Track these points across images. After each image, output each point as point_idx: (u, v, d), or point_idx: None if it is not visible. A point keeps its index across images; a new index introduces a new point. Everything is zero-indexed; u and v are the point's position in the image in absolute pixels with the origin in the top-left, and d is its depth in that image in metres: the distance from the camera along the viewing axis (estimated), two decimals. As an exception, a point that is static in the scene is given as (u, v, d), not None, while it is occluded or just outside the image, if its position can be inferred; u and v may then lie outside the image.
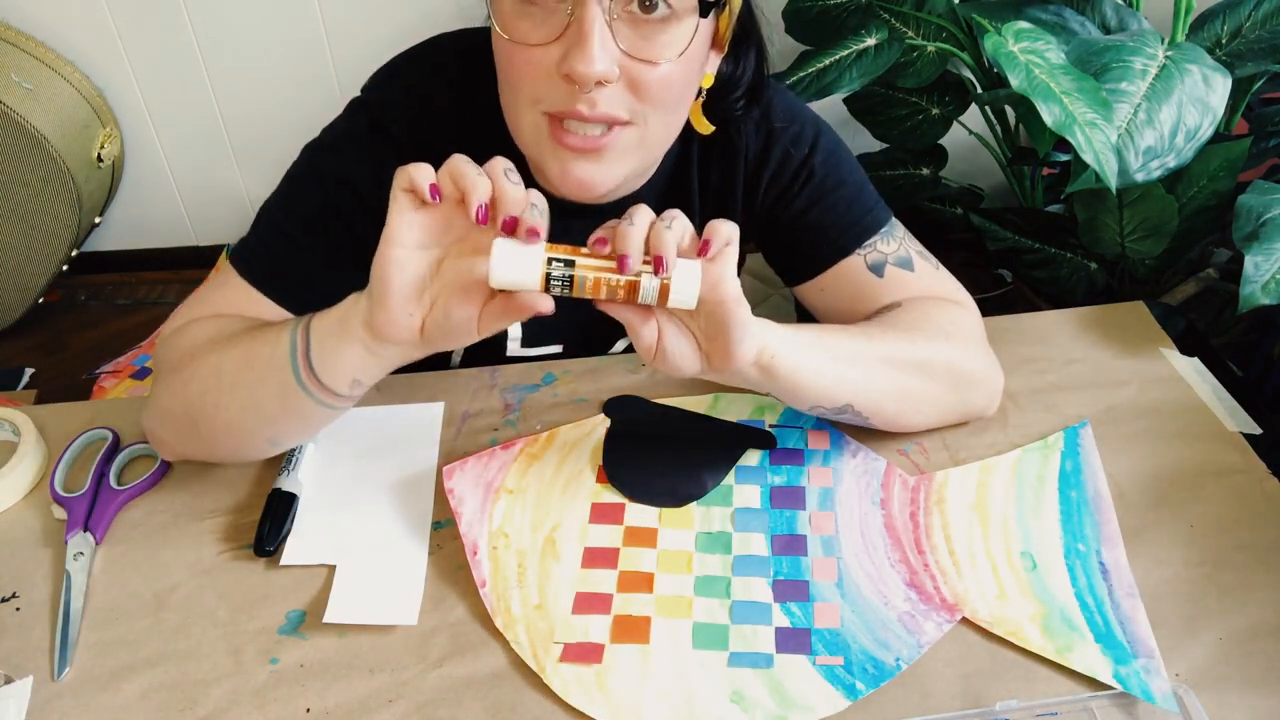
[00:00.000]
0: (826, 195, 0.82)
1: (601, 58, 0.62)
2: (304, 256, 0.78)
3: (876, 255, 0.81)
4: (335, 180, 0.77)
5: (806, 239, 0.83)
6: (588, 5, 0.62)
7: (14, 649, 0.68)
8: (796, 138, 0.82)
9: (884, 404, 0.74)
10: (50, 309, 2.05)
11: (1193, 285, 1.38)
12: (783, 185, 0.83)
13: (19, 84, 1.75)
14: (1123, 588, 0.67)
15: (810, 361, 0.69)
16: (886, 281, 0.81)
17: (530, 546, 0.72)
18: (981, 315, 0.86)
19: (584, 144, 0.67)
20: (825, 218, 0.82)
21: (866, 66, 1.42)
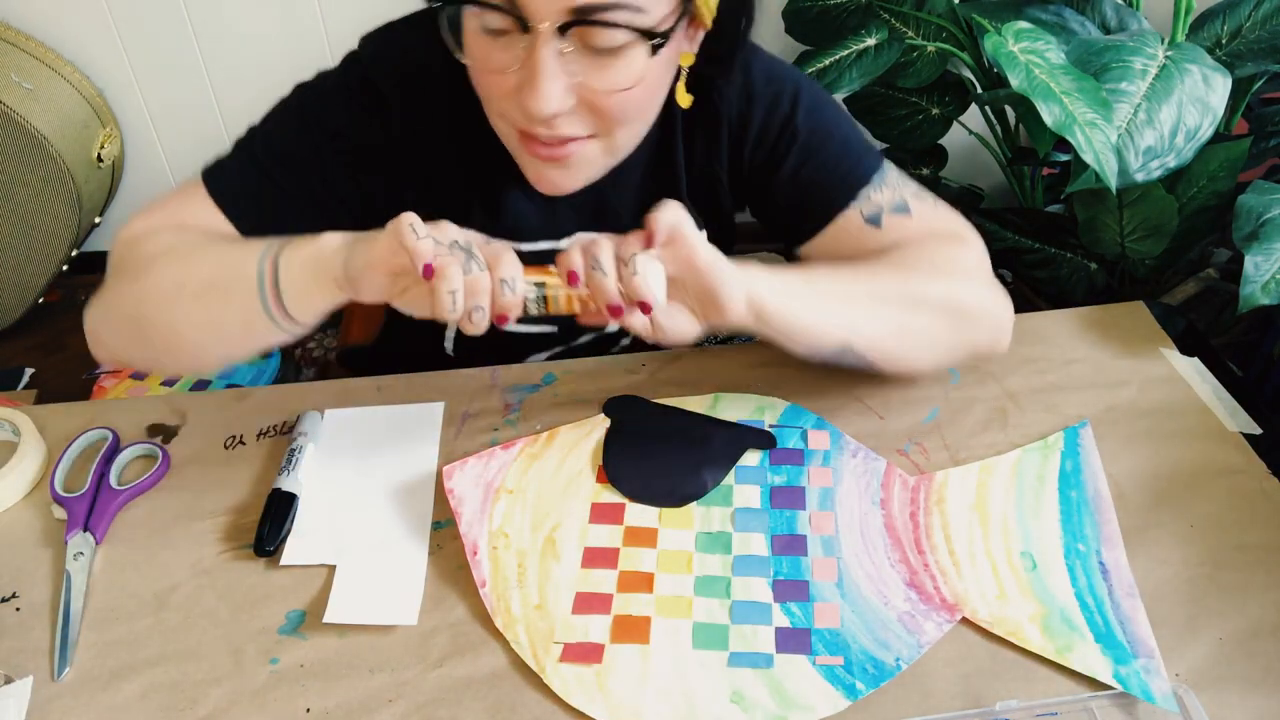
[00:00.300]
0: (814, 153, 0.81)
1: (551, 98, 0.64)
2: (273, 190, 0.79)
3: (872, 206, 0.80)
4: (318, 126, 0.78)
5: (800, 199, 0.82)
6: (538, 45, 0.63)
7: (14, 649, 0.68)
8: (776, 98, 0.81)
9: (882, 342, 0.74)
10: (50, 309, 2.05)
11: (1193, 285, 1.38)
12: (768, 148, 0.82)
13: (19, 84, 1.75)
14: (1123, 588, 0.67)
15: (800, 303, 0.69)
16: (885, 231, 0.80)
17: (530, 546, 0.72)
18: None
19: (549, 154, 0.70)
20: (816, 175, 0.81)
21: (867, 66, 1.42)
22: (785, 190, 0.82)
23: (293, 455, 0.78)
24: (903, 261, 0.76)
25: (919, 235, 0.79)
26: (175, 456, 0.81)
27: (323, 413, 0.84)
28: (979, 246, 0.81)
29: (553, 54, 0.63)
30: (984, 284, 0.79)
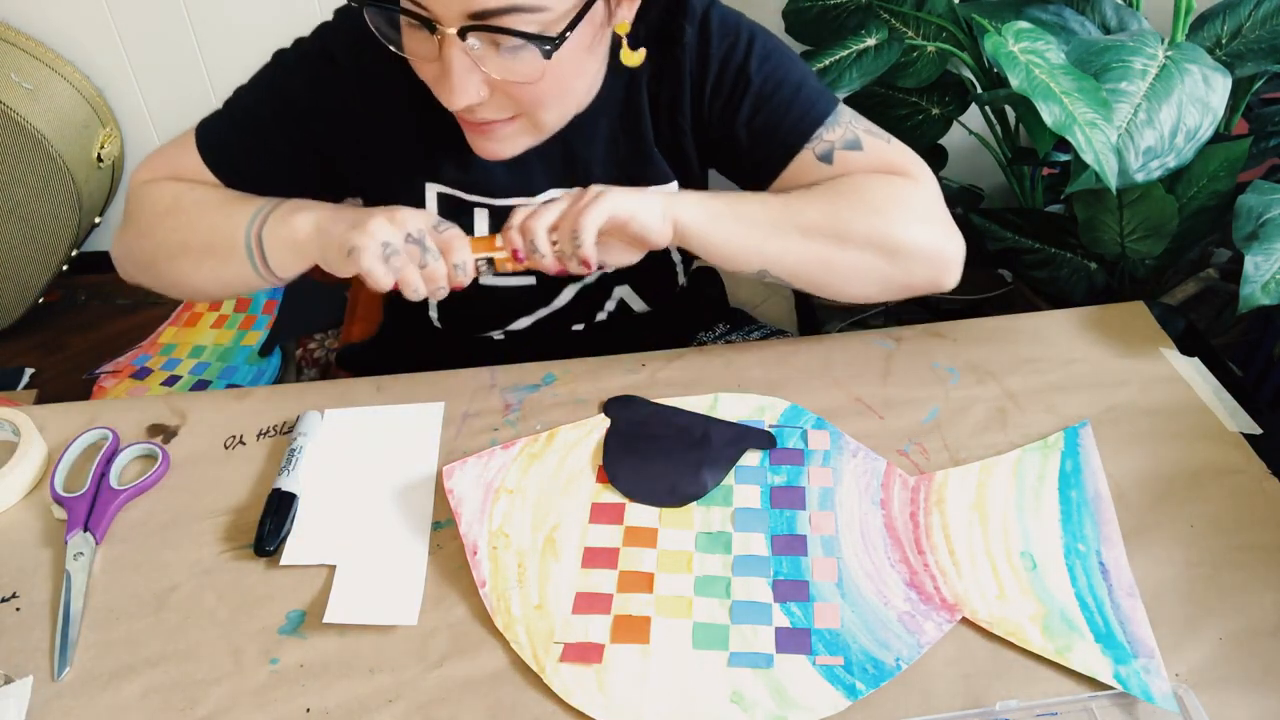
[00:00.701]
0: (767, 100, 0.83)
1: (462, 93, 0.70)
2: (245, 149, 0.85)
3: (824, 145, 0.82)
4: (281, 93, 0.84)
5: (756, 146, 0.84)
6: (447, 46, 0.68)
7: (14, 649, 0.68)
8: (731, 48, 0.83)
9: (804, 271, 0.79)
10: (50, 309, 2.05)
11: (1193, 285, 1.38)
12: (724, 98, 0.84)
13: (19, 84, 1.75)
14: (1123, 588, 0.67)
15: (721, 227, 0.77)
16: (836, 167, 0.82)
17: (530, 546, 0.72)
18: (982, 315, 0.88)
19: (478, 129, 0.76)
20: (770, 120, 0.83)
21: (867, 66, 1.41)
22: (742, 138, 0.84)
23: (293, 455, 0.78)
24: (838, 194, 0.79)
25: (867, 170, 0.81)
26: (175, 456, 0.81)
27: (323, 413, 0.84)
28: (929, 184, 0.82)
29: (460, 52, 0.68)
30: (928, 221, 0.80)
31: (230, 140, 0.86)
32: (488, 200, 0.86)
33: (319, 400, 0.86)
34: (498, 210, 0.86)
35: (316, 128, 0.84)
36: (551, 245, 0.73)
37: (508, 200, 0.86)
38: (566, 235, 0.72)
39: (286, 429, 0.83)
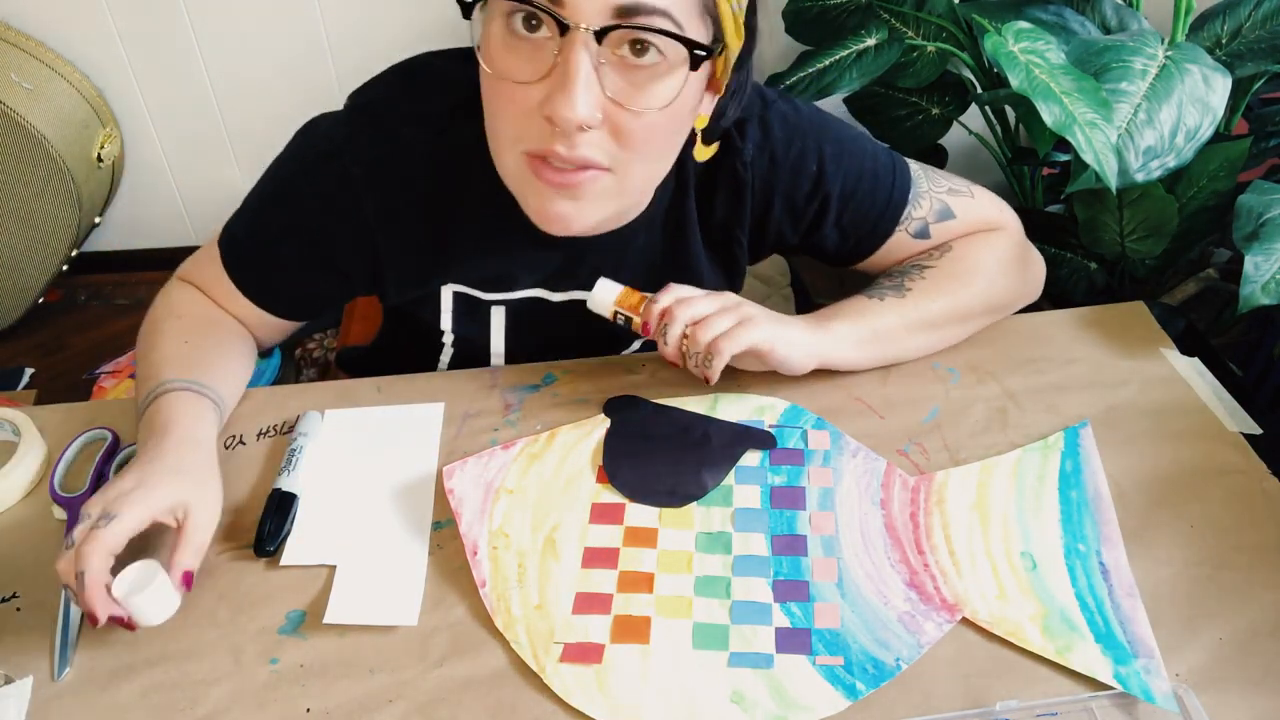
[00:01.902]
0: (849, 199, 0.83)
1: (584, 103, 0.61)
2: (267, 267, 0.83)
3: (916, 224, 0.86)
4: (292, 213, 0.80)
5: (846, 241, 0.87)
6: (575, 47, 0.60)
7: (14, 649, 0.68)
8: (800, 160, 0.81)
9: (932, 351, 0.85)
10: (50, 309, 2.05)
11: (1193, 285, 1.38)
12: (799, 211, 0.84)
13: (19, 84, 1.75)
14: (1123, 588, 0.67)
15: (865, 355, 0.82)
16: (935, 239, 0.87)
17: (530, 546, 0.72)
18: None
19: (561, 180, 0.66)
20: (857, 216, 0.85)
21: (867, 66, 1.41)
22: (832, 238, 0.86)
23: (293, 455, 0.78)
24: (954, 277, 0.84)
25: (964, 233, 0.87)
26: (175, 456, 0.81)
27: (323, 413, 0.84)
28: (1014, 225, 0.89)
29: (589, 58, 0.61)
30: (1025, 263, 0.88)
31: (246, 254, 0.83)
32: (505, 296, 0.84)
33: (319, 400, 0.86)
34: (514, 305, 0.85)
35: (324, 240, 0.80)
36: (682, 337, 0.75)
37: (526, 292, 0.84)
38: (702, 347, 0.74)
39: (286, 429, 0.83)
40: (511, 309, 0.85)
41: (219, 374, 0.80)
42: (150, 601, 0.65)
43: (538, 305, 0.85)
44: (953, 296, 0.83)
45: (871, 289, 0.84)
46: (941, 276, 0.84)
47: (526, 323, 0.86)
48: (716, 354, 0.74)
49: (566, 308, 0.85)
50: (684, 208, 0.82)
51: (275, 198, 0.81)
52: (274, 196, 0.82)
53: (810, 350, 0.79)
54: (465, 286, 0.83)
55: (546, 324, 0.86)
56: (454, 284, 0.83)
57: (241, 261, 0.83)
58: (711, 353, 0.75)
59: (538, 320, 0.86)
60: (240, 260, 0.83)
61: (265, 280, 0.84)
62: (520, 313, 0.86)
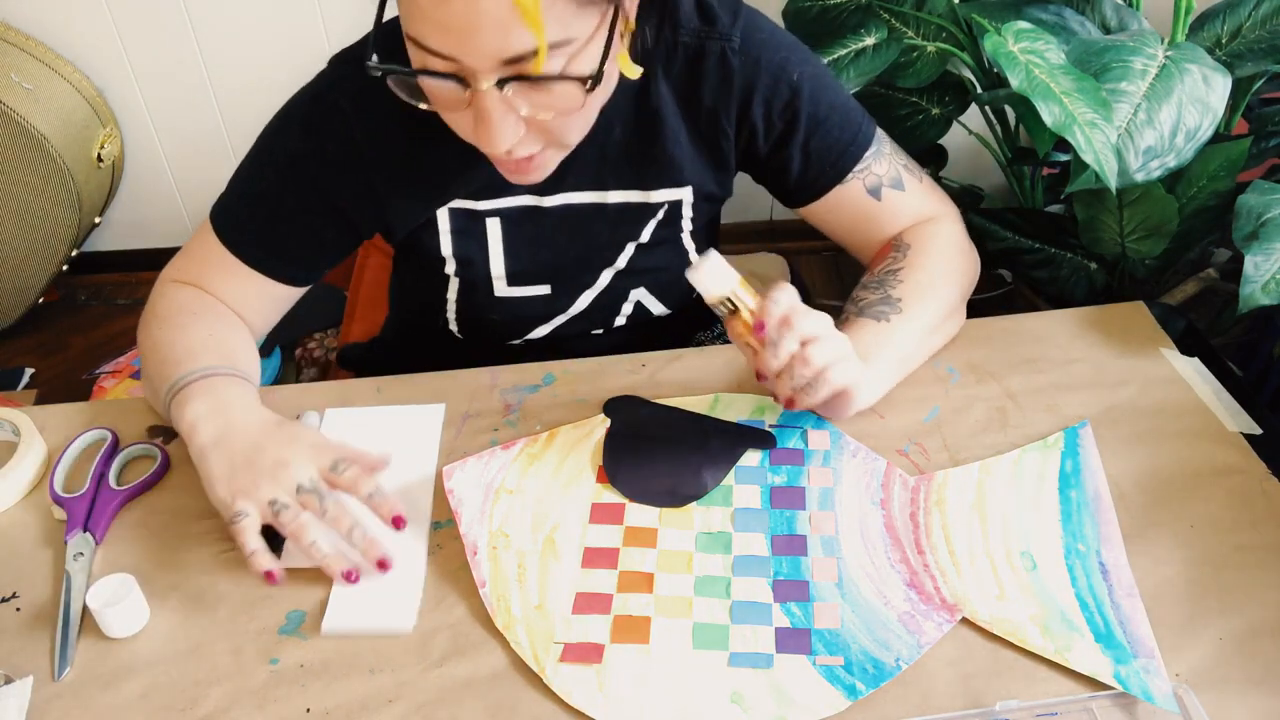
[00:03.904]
0: (819, 126, 0.85)
1: (504, 138, 0.68)
2: (266, 226, 0.85)
3: (873, 179, 0.88)
4: (286, 158, 0.83)
5: (809, 168, 0.87)
6: (480, 95, 0.65)
7: (14, 649, 0.68)
8: (777, 80, 0.83)
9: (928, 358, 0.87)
10: (50, 309, 2.05)
11: (1193, 285, 1.38)
12: (772, 120, 0.85)
13: (19, 84, 1.75)
14: (1123, 587, 0.67)
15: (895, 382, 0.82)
16: (884, 204, 0.89)
17: (530, 547, 0.72)
18: (982, 315, 0.89)
19: (516, 168, 0.74)
20: (824, 144, 0.86)
21: (865, 66, 1.41)
22: (797, 159, 0.86)
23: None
24: (932, 276, 0.86)
25: (912, 216, 0.90)
26: (175, 456, 0.81)
27: (321, 413, 0.84)
28: (955, 211, 0.93)
29: (497, 101, 0.66)
30: (969, 249, 0.92)
31: (243, 219, 0.85)
32: (498, 204, 0.85)
33: (319, 400, 0.86)
34: (508, 215, 0.85)
35: (323, 181, 0.83)
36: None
37: (517, 199, 0.85)
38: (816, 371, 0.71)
39: (286, 429, 0.83)
40: (506, 220, 0.86)
41: (248, 362, 0.83)
42: (121, 615, 0.67)
43: (533, 215, 0.86)
44: (940, 295, 0.85)
45: (865, 309, 0.84)
46: (920, 277, 0.85)
47: (523, 236, 0.87)
48: (824, 383, 0.72)
49: (561, 217, 0.86)
50: (656, 94, 0.83)
51: (267, 158, 0.84)
52: (266, 158, 0.84)
53: (874, 394, 0.79)
54: (459, 200, 0.85)
55: (543, 236, 0.87)
56: (449, 202, 0.85)
57: (239, 227, 0.85)
58: (819, 380, 0.72)
59: (534, 233, 0.87)
60: (237, 226, 0.85)
61: (265, 239, 0.85)
62: (516, 224, 0.86)
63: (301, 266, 0.87)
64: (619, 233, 0.88)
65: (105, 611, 0.66)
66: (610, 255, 0.89)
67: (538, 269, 0.89)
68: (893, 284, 0.85)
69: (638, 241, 0.89)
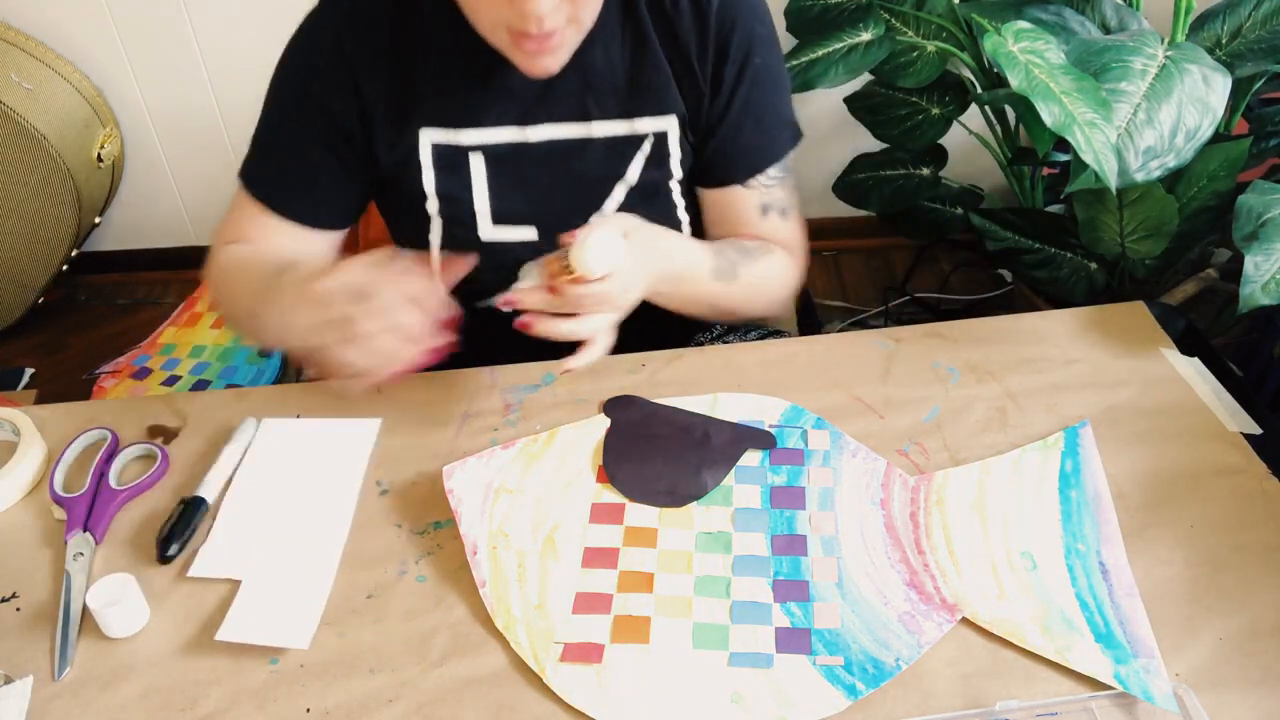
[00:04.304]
0: (748, 111, 0.87)
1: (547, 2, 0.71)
2: (292, 168, 0.87)
3: (769, 198, 0.92)
4: (291, 92, 0.87)
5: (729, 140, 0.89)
6: None
7: (14, 649, 0.68)
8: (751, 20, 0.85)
9: (704, 301, 0.88)
10: (50, 309, 2.05)
11: (1193, 285, 1.38)
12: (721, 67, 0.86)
13: (19, 84, 1.75)
14: (1123, 587, 0.67)
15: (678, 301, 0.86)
16: (765, 224, 0.92)
17: (530, 546, 0.72)
18: (981, 315, 0.90)
19: (538, 47, 0.76)
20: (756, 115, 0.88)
21: (855, 62, 1.42)
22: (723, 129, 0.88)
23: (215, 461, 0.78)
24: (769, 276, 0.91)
25: (781, 242, 0.93)
26: (175, 456, 0.81)
27: (259, 421, 0.83)
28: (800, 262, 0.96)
29: None
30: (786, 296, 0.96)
31: (268, 169, 0.88)
32: (480, 137, 0.86)
33: (319, 400, 0.86)
34: (492, 152, 0.86)
35: (321, 99, 0.85)
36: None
37: (500, 131, 0.86)
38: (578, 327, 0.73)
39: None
40: (490, 157, 0.86)
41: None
42: (121, 615, 0.67)
43: (516, 151, 0.86)
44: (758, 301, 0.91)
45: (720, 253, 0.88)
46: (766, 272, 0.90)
47: (507, 173, 0.87)
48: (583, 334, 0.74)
49: (546, 152, 0.86)
50: (638, 16, 0.85)
51: (275, 103, 0.88)
52: (274, 102, 0.88)
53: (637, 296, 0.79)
54: (441, 129, 0.85)
55: (528, 173, 0.87)
56: (430, 127, 0.85)
57: (263, 175, 0.88)
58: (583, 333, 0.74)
59: (519, 169, 0.87)
60: (262, 175, 0.88)
61: (287, 181, 0.87)
62: (499, 160, 0.86)
63: (326, 207, 0.89)
64: (606, 169, 0.88)
65: (105, 611, 0.66)
66: (597, 197, 0.89)
67: (523, 208, 0.88)
68: (748, 263, 0.89)
69: (626, 181, 0.88)
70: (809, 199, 2.06)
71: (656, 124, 0.87)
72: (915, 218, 1.73)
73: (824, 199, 1.84)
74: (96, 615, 0.67)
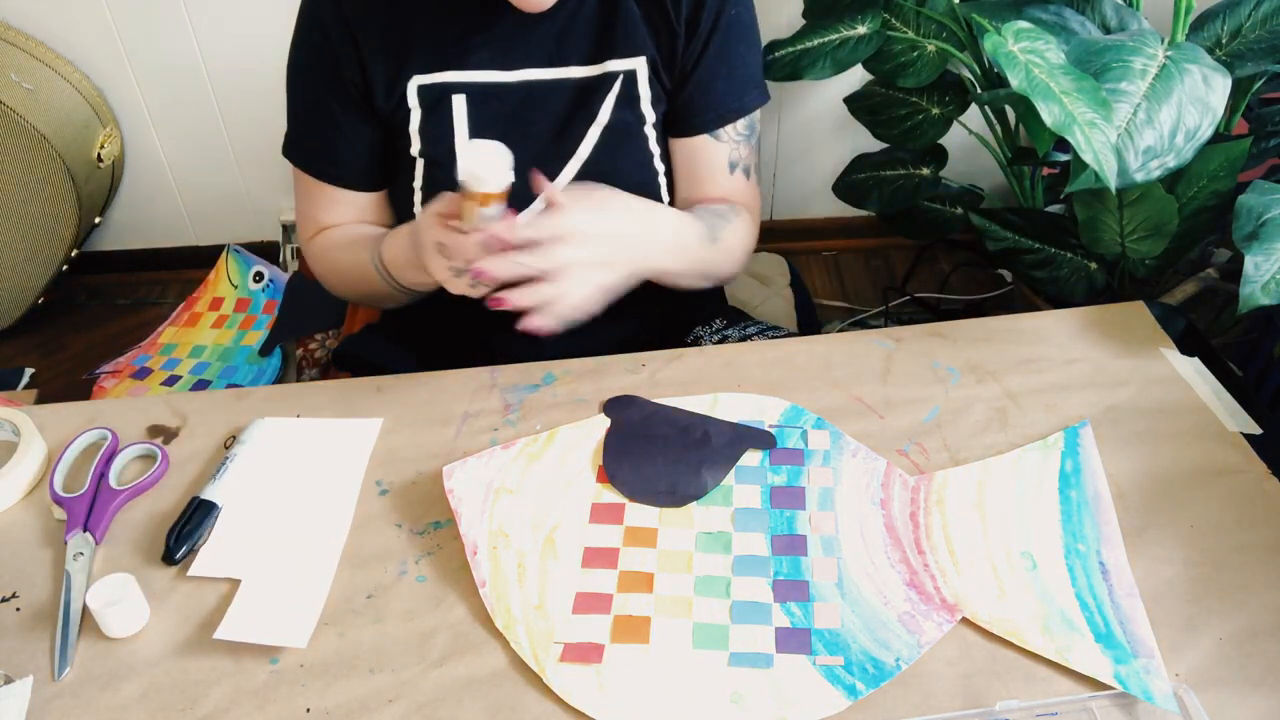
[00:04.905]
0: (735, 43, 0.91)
1: None
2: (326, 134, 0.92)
3: (736, 155, 0.96)
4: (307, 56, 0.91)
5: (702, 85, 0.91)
6: None
7: (14, 649, 0.68)
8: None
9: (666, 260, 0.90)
10: (50, 309, 2.04)
11: (1193, 285, 1.38)
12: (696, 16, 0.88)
13: (19, 84, 1.75)
14: (1122, 587, 0.67)
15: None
16: (733, 180, 0.96)
17: (530, 546, 0.72)
18: (981, 315, 0.89)
19: None
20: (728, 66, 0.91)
21: (844, 57, 1.42)
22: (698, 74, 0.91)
23: (225, 464, 0.78)
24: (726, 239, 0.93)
25: (743, 199, 0.98)
26: (175, 456, 0.81)
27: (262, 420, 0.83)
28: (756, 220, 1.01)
29: None
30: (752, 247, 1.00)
31: (302, 138, 0.94)
32: (462, 76, 0.88)
33: (318, 400, 0.86)
34: (474, 92, 0.88)
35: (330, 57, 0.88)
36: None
37: (482, 73, 0.88)
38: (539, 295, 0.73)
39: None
40: (472, 98, 0.88)
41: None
42: (121, 615, 0.67)
43: (497, 93, 0.89)
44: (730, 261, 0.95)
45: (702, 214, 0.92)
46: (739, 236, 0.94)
47: (487, 113, 0.89)
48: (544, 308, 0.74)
49: (524, 94, 0.89)
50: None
51: (294, 72, 0.92)
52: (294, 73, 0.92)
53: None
54: (426, 74, 0.88)
55: (506, 114, 0.89)
56: (420, 73, 0.88)
57: (301, 147, 0.94)
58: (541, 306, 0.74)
59: (498, 109, 0.89)
60: (300, 147, 0.94)
61: (322, 148, 0.92)
62: (481, 102, 0.89)
63: (360, 168, 0.93)
64: (578, 110, 0.90)
65: (105, 611, 0.66)
66: (573, 139, 0.91)
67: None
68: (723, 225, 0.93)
69: (599, 122, 0.90)
70: (809, 199, 2.06)
71: (625, 64, 0.90)
72: (915, 218, 1.73)
73: (824, 199, 1.83)
74: (96, 615, 0.67)
